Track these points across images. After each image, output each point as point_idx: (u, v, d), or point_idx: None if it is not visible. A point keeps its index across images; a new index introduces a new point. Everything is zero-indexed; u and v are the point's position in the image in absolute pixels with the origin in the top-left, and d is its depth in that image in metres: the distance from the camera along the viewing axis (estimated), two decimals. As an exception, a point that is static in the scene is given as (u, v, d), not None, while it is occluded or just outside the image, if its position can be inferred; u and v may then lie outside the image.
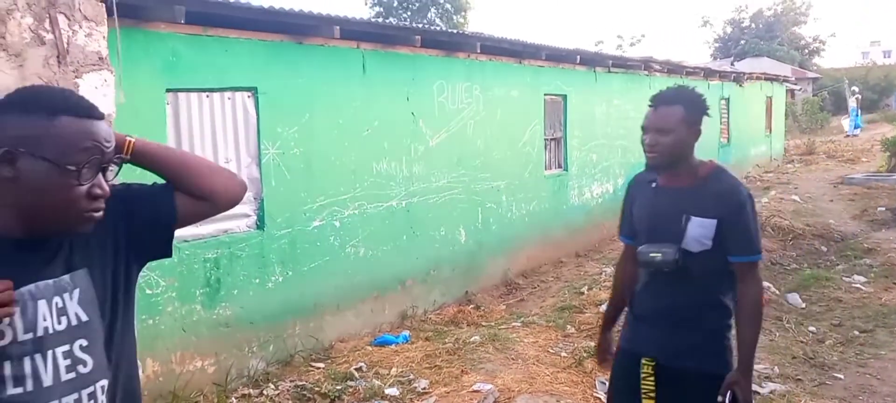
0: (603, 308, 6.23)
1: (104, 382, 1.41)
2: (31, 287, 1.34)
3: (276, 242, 5.22)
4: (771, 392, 4.46)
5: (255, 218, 5.14)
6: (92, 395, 1.39)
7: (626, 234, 2.66)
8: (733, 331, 2.45)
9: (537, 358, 5.02)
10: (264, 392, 4.78)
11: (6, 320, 1.30)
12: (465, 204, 7.09)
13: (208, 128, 4.80)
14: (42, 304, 1.34)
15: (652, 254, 2.41)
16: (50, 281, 1.36)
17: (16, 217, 1.33)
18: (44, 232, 1.36)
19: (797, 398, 4.40)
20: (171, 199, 1.51)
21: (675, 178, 2.42)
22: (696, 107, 2.40)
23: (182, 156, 1.56)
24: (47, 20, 2.52)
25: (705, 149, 13.99)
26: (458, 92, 6.96)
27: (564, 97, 8.81)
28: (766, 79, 17.41)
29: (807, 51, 44.07)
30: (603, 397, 4.34)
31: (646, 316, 2.54)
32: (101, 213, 1.36)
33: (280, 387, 4.86)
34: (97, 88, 2.68)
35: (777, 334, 5.57)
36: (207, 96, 4.78)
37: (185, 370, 4.69)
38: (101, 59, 2.70)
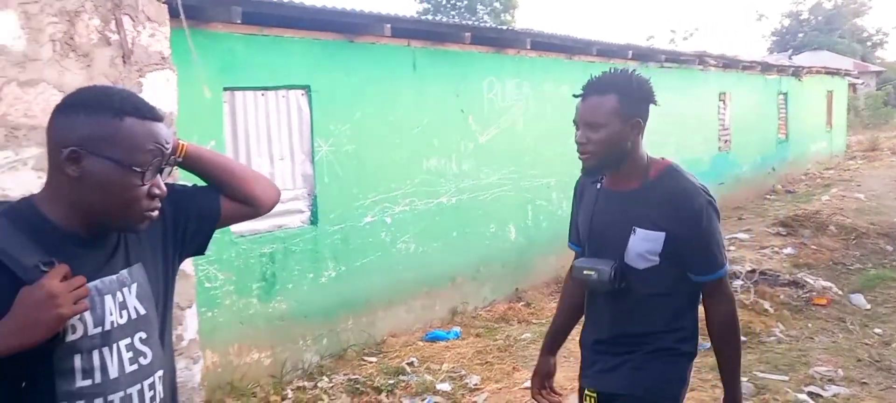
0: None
1: (161, 372, 1.48)
2: (98, 282, 1.38)
3: (329, 238, 5.30)
4: (834, 396, 4.32)
5: (309, 214, 5.23)
6: (152, 385, 1.45)
7: (574, 241, 2.30)
8: (697, 358, 2.16)
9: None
10: (318, 384, 4.87)
11: (79, 315, 1.34)
12: (514, 202, 7.07)
13: (263, 125, 4.91)
14: (108, 299, 1.39)
15: (586, 271, 2.06)
16: (113, 276, 1.41)
17: (79, 214, 1.37)
18: (105, 229, 1.41)
19: (862, 402, 4.25)
20: (217, 201, 1.60)
21: (621, 180, 2.06)
22: (633, 96, 1.99)
23: (228, 163, 1.65)
24: (113, 21, 2.62)
25: (762, 146, 13.57)
26: (508, 88, 6.94)
27: (616, 93, 8.68)
28: (826, 73, 16.84)
29: (869, 43, 42.44)
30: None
31: (588, 342, 2.21)
32: (157, 212, 1.41)
33: (334, 380, 4.94)
34: (160, 87, 2.78)
35: (840, 336, 5.39)
36: (263, 94, 4.89)
37: (242, 362, 4.80)
38: (163, 58, 2.79)
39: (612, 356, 2.09)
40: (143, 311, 1.45)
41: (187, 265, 3.15)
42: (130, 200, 1.35)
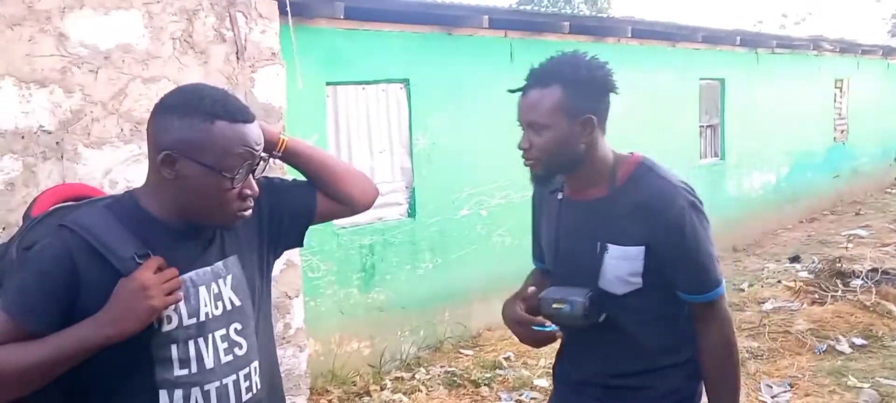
0: (766, 306, 5.87)
1: (256, 363, 1.49)
2: (193, 274, 1.41)
3: (427, 230, 5.34)
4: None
5: (407, 206, 5.29)
6: (247, 376, 1.46)
7: (539, 258, 1.94)
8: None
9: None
10: (416, 376, 4.92)
11: (172, 306, 1.37)
12: (613, 195, 6.88)
13: (364, 119, 5.00)
14: (202, 290, 1.42)
15: (555, 305, 1.67)
16: (207, 268, 1.44)
17: (175, 210, 1.40)
18: (199, 225, 1.43)
19: None
20: (313, 197, 1.59)
21: (583, 187, 1.68)
22: (582, 87, 1.61)
23: (326, 159, 1.63)
24: (228, 19, 2.72)
25: (883, 136, 12.64)
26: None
27: (722, 81, 8.31)
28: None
29: None
30: (769, 400, 4.06)
31: (568, 379, 1.84)
32: (250, 212, 1.42)
33: (431, 372, 4.98)
34: (270, 82, 2.87)
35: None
36: (363, 88, 4.97)
37: (342, 350, 4.92)
38: (273, 54, 2.88)
39: (603, 401, 1.73)
40: (237, 302, 1.46)
41: (294, 255, 3.24)
42: (222, 202, 1.37)
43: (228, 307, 1.45)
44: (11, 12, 2.22)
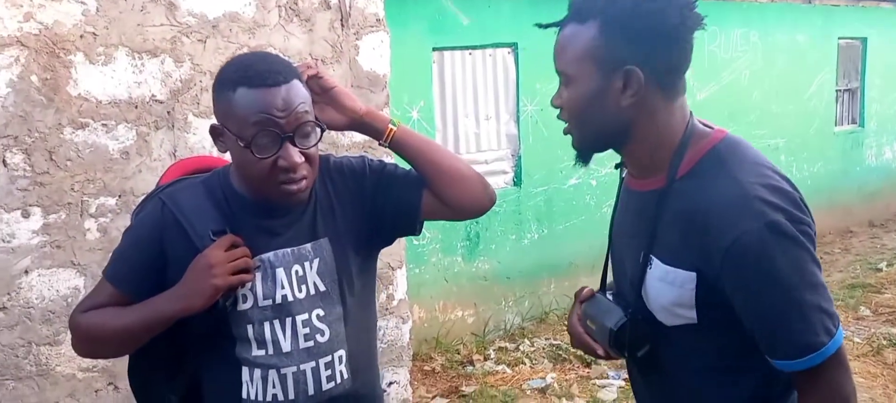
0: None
1: (342, 352, 1.41)
2: (271, 255, 1.35)
3: (533, 199, 5.20)
4: None
5: (513, 174, 5.16)
6: (329, 365, 1.39)
7: None
8: None
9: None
10: (520, 347, 4.83)
11: (248, 285, 1.33)
12: (735, 164, 6.46)
13: (470, 85, 4.89)
14: (280, 272, 1.36)
15: (589, 322, 1.33)
16: (289, 250, 1.37)
17: (245, 185, 1.36)
18: (272, 201, 1.34)
19: None
20: (419, 193, 1.45)
21: (639, 171, 1.28)
22: (624, 25, 1.14)
23: (436, 156, 1.46)
24: (332, -15, 2.66)
25: None
26: (733, 39, 6.30)
27: (864, 41, 7.56)
28: None
29: None
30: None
31: None
32: (302, 185, 1.30)
33: (535, 344, 4.88)
34: (374, 49, 2.80)
35: None
36: (469, 54, 4.85)
37: (447, 318, 4.91)
38: (378, 20, 2.80)
39: None
40: (322, 288, 1.39)
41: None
42: (257, 175, 1.29)
43: (313, 291, 1.38)
44: (124, -17, 2.25)
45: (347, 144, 2.76)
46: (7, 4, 2.08)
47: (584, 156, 1.27)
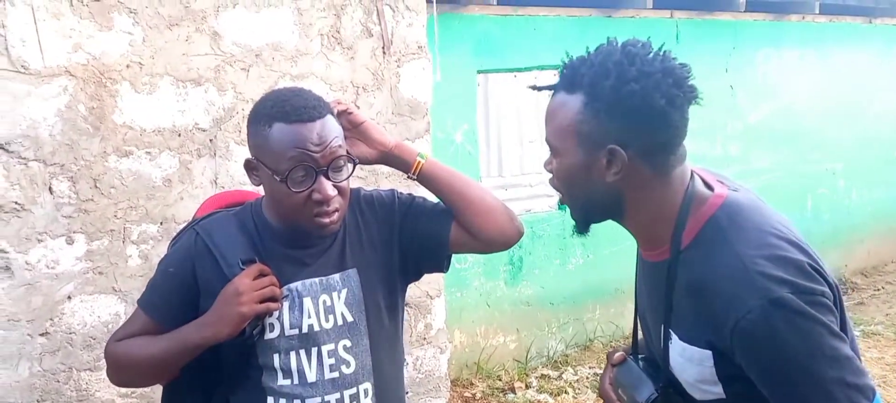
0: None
1: (368, 385, 1.41)
2: (299, 284, 1.37)
3: (578, 224, 5.10)
4: None
5: (557, 198, 5.06)
6: (354, 397, 1.39)
7: None
8: None
9: (884, 379, 4.20)
10: (563, 376, 4.73)
11: (275, 314, 1.35)
12: (789, 189, 6.23)
13: (514, 107, 4.84)
14: (308, 301, 1.37)
15: (620, 390, 1.29)
16: (317, 279, 1.39)
17: (277, 217, 1.39)
18: (300, 232, 1.37)
19: None
20: (448, 226, 1.45)
21: (644, 242, 1.24)
22: (606, 104, 1.09)
23: (464, 188, 1.47)
24: (375, 12, 2.66)
25: None
26: (788, 60, 6.10)
27: (928, 61, 7.23)
28: None
29: None
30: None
31: None
32: (334, 217, 1.32)
33: (579, 373, 4.77)
34: (416, 77, 2.78)
35: None
36: (515, 76, 4.81)
37: (488, 343, 4.83)
38: (420, 47, 2.79)
39: None
40: (350, 318, 1.40)
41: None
42: (291, 208, 1.31)
43: (340, 322, 1.39)
44: (170, 12, 2.28)
45: (388, 172, 2.74)
46: (57, 36, 2.12)
47: (580, 227, 1.26)
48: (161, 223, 2.35)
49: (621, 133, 1.09)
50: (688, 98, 1.10)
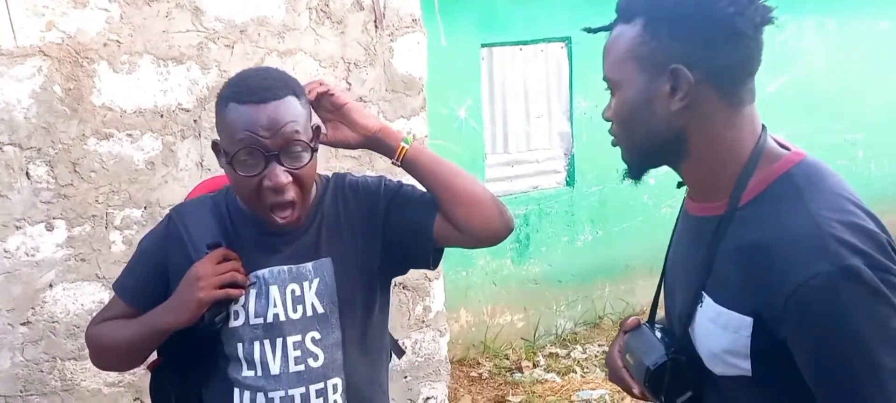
0: None
1: (337, 380, 1.34)
2: (266, 271, 1.31)
3: (586, 200, 4.99)
4: None
5: (565, 174, 4.96)
6: (321, 392, 1.32)
7: None
8: None
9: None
10: (571, 354, 4.66)
11: (241, 300, 1.30)
12: (808, 161, 6.07)
13: (520, 82, 4.72)
14: (274, 290, 1.31)
15: (628, 355, 1.18)
16: (285, 267, 1.32)
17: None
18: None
19: None
20: (432, 217, 1.35)
21: (697, 192, 1.10)
22: (670, 19, 1.00)
23: (449, 177, 1.36)
24: (366, -15, 2.54)
25: None
26: (807, 28, 5.90)
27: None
28: None
29: None
30: None
31: None
32: (290, 212, 1.25)
33: (588, 351, 4.70)
34: (410, 51, 2.67)
35: None
36: (520, 50, 4.68)
37: (494, 322, 4.77)
38: (414, 21, 2.67)
39: None
40: (320, 310, 1.33)
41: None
42: (245, 195, 1.27)
43: (309, 313, 1.32)
44: (149, -12, 2.19)
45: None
46: (29, 14, 2.04)
47: (634, 172, 1.11)
48: (145, 207, 2.28)
49: (686, 50, 0.98)
50: (760, 14, 1.00)
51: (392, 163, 1.37)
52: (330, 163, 2.54)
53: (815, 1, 5.90)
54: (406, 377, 2.81)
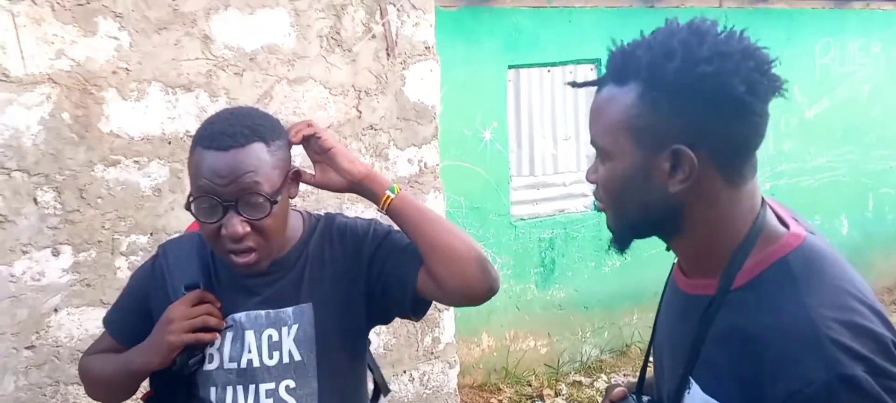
0: None
1: None
2: (243, 315, 1.28)
3: (615, 225, 4.89)
4: None
5: (593, 198, 4.86)
6: None
7: None
8: None
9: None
10: (596, 383, 4.55)
11: (216, 343, 1.27)
12: (850, 188, 5.85)
13: (548, 103, 4.65)
14: (250, 335, 1.28)
15: None
16: (263, 312, 1.29)
17: None
18: None
19: None
20: (415, 269, 1.29)
21: (689, 267, 1.02)
22: (671, 92, 0.90)
23: (431, 231, 1.30)
24: (378, 12, 2.52)
25: None
26: (850, 51, 5.69)
27: None
28: None
29: None
30: None
31: None
32: (249, 257, 1.22)
33: (613, 380, 4.58)
34: (423, 79, 2.63)
35: None
36: (548, 71, 4.61)
37: (517, 348, 4.69)
38: (427, 48, 2.64)
39: None
40: (297, 357, 1.29)
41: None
42: (208, 238, 1.24)
43: (285, 360, 1.28)
44: (158, 16, 2.20)
45: (392, 180, 2.62)
46: (39, 42, 2.06)
47: (620, 243, 1.03)
48: (151, 233, 2.28)
49: (689, 129, 0.89)
50: (772, 87, 0.92)
51: (377, 210, 1.33)
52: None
53: (859, 24, 5.70)
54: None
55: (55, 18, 2.07)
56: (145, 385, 1.42)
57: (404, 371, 2.70)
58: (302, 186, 1.34)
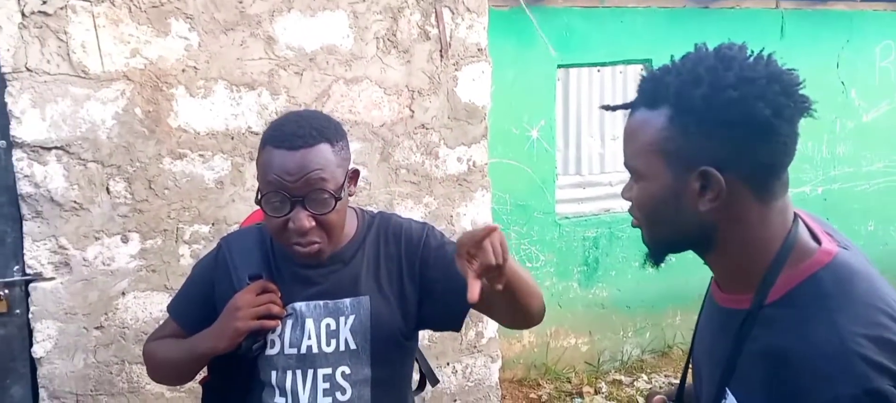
0: None
1: None
2: (303, 304, 1.36)
3: (661, 226, 4.87)
4: None
5: (639, 200, 4.85)
6: None
7: None
8: None
9: None
10: (636, 383, 4.55)
11: (278, 330, 1.35)
12: (906, 195, 5.70)
13: (597, 103, 4.64)
14: (310, 322, 1.36)
15: None
16: (322, 302, 1.36)
17: None
18: None
19: None
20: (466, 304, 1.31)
21: (724, 282, 1.07)
22: (699, 116, 0.94)
23: (522, 300, 1.34)
24: (433, 15, 2.58)
25: None
26: (911, 55, 5.52)
27: None
28: None
29: None
30: None
31: None
32: (313, 248, 1.30)
33: (653, 380, 4.58)
34: (474, 80, 2.69)
35: None
36: (598, 71, 4.61)
37: (558, 345, 4.72)
38: (480, 50, 2.69)
39: None
40: (353, 346, 1.37)
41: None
42: (274, 231, 1.31)
43: (342, 348, 1.36)
44: (225, 18, 2.30)
45: (441, 177, 2.68)
46: (116, 41, 2.18)
47: (655, 257, 1.10)
48: (213, 224, 2.40)
49: (717, 152, 0.93)
50: (799, 109, 0.94)
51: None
52: (390, 187, 2.59)
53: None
54: (455, 401, 2.84)
55: (131, 19, 2.18)
56: (202, 371, 1.52)
57: (448, 364, 2.77)
58: None
